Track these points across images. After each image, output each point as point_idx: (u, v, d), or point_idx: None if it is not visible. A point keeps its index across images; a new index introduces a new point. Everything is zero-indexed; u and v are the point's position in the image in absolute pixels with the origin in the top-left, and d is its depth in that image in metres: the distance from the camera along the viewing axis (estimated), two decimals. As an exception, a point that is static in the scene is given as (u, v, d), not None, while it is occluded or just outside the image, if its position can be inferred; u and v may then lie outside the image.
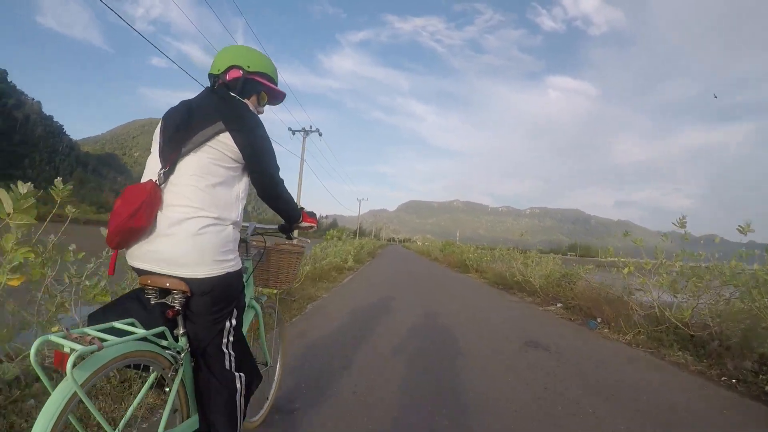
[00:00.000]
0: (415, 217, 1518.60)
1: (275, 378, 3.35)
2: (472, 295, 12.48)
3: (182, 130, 1.96)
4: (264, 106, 2.44)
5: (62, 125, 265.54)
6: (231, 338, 2.08)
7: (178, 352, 1.93)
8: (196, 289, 1.90)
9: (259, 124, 2.13)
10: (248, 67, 2.23)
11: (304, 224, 2.69)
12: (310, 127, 34.73)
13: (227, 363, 2.07)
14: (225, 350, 2.06)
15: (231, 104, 2.09)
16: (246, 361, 2.20)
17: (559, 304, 10.20)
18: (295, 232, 2.86)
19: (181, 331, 1.97)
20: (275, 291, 4.05)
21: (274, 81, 2.36)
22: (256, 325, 2.88)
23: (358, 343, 5.62)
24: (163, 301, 1.92)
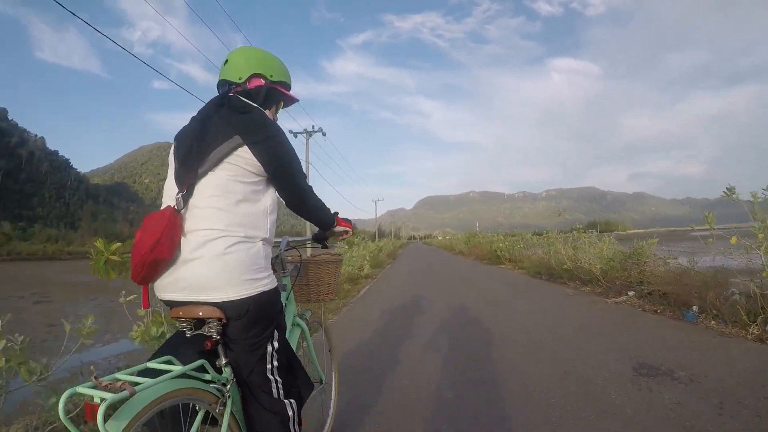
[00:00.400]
0: (432, 212, 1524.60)
1: (332, 396, 3.18)
2: (517, 292, 10.30)
3: (196, 149, 1.84)
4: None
5: (68, 159, 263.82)
6: (275, 363, 1.93)
7: (224, 384, 1.78)
8: (231, 313, 1.77)
9: (280, 133, 1.98)
10: (271, 76, 2.15)
11: (339, 229, 2.50)
12: (313, 127, 32.98)
13: (274, 391, 1.93)
14: (270, 377, 1.92)
15: (248, 115, 1.92)
16: (296, 386, 2.04)
17: (630, 293, 8.15)
18: (330, 240, 2.68)
19: (224, 361, 1.83)
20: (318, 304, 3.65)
21: (290, 87, 2.27)
22: (304, 342, 2.80)
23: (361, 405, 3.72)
24: (200, 332, 1.80)
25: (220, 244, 1.75)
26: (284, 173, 1.98)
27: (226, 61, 2.12)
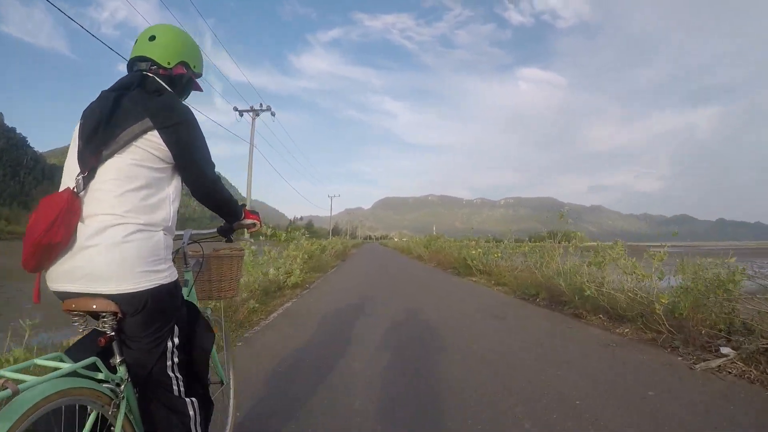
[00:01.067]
0: (392, 213, 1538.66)
1: (230, 398, 2.97)
2: (514, 332, 6.38)
3: (103, 129, 1.72)
4: None
5: (26, 137, 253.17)
6: (175, 359, 1.85)
7: (117, 384, 1.66)
8: (127, 307, 1.67)
9: (192, 119, 1.89)
10: (194, 67, 2.13)
11: (247, 221, 2.41)
12: (261, 105, 29.08)
13: (175, 388, 1.85)
14: (171, 374, 1.84)
15: (162, 99, 1.85)
16: (197, 383, 1.98)
17: (726, 350, 4.66)
18: (236, 234, 2.58)
19: (118, 359, 1.71)
20: (218, 302, 3.51)
21: (201, 75, 2.24)
22: None
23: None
24: (95, 327, 1.72)
25: (119, 231, 1.64)
26: (193, 161, 1.89)
27: (152, 36, 1.98)
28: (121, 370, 1.70)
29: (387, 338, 5.89)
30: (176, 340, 1.84)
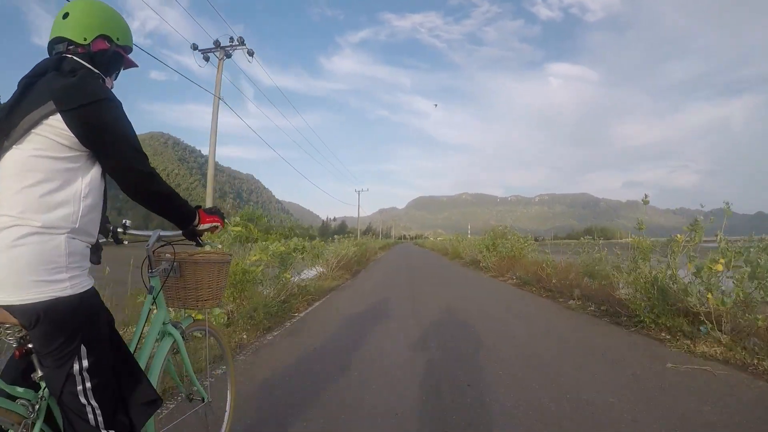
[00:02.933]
0: (426, 213, 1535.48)
1: (225, 419, 2.84)
2: None
3: (6, 118, 1.60)
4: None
5: None
6: (88, 384, 1.61)
7: (30, 402, 1.57)
8: (22, 319, 1.52)
9: (107, 98, 1.68)
10: (117, 39, 1.91)
11: (205, 226, 2.16)
12: (232, 40, 18.63)
13: (90, 417, 1.62)
14: (83, 401, 1.61)
15: (70, 78, 1.66)
16: (123, 414, 1.74)
17: None
18: (207, 236, 2.33)
19: (39, 374, 1.60)
20: (198, 313, 3.47)
21: (131, 51, 2.05)
22: (176, 355, 2.44)
23: None
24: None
25: (12, 234, 1.50)
26: (109, 148, 1.67)
27: (66, 14, 1.80)
28: (43, 386, 1.61)
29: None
30: (85, 363, 1.60)
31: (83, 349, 1.60)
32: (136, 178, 1.72)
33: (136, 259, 3.21)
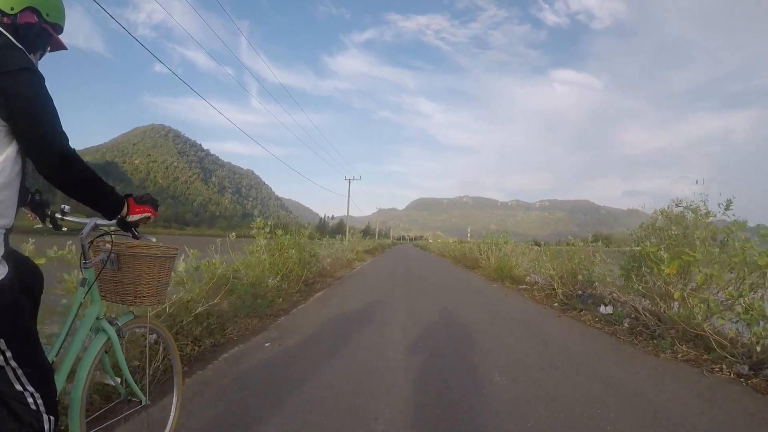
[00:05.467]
0: (426, 214, 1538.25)
1: (170, 421, 2.69)
2: None
3: None
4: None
5: None
6: (20, 371, 1.59)
7: None
8: None
9: (26, 68, 1.55)
10: (47, 15, 1.78)
11: (134, 217, 1.98)
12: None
13: (30, 402, 1.61)
14: (20, 388, 1.60)
15: (0, 50, 1.56)
16: (53, 396, 1.72)
17: None
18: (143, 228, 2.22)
19: None
20: (139, 308, 3.05)
21: (62, 31, 1.90)
22: (110, 353, 2.35)
23: None
24: None
25: None
26: (25, 122, 1.53)
27: None
28: None
29: None
30: (9, 354, 1.57)
31: (2, 342, 1.56)
32: (52, 159, 1.59)
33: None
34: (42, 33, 1.80)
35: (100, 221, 2.12)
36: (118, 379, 2.48)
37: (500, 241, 19.40)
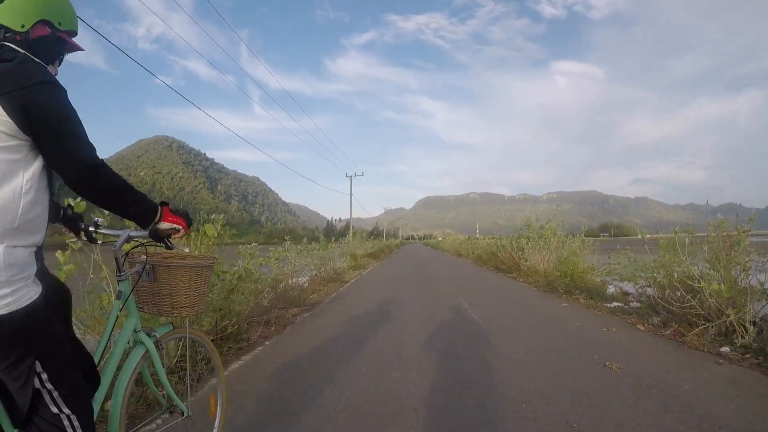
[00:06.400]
0: (433, 212, 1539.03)
1: (216, 424, 2.68)
2: None
3: None
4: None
5: None
6: (56, 393, 1.55)
7: None
8: None
9: (50, 83, 1.55)
10: (59, 24, 1.75)
11: (164, 225, 1.93)
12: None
13: (66, 425, 1.57)
14: (56, 410, 1.56)
15: (11, 64, 1.53)
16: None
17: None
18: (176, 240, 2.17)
19: None
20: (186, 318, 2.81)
21: (76, 34, 1.88)
22: (148, 365, 2.34)
23: None
24: None
25: None
26: (49, 136, 1.51)
27: None
28: None
29: None
30: (44, 376, 1.53)
31: (38, 364, 1.52)
32: (80, 170, 1.57)
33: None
34: (57, 43, 1.78)
35: (134, 233, 2.08)
36: (160, 391, 2.47)
37: (547, 233, 14.08)
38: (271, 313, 7.36)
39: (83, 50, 1.93)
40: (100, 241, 2.18)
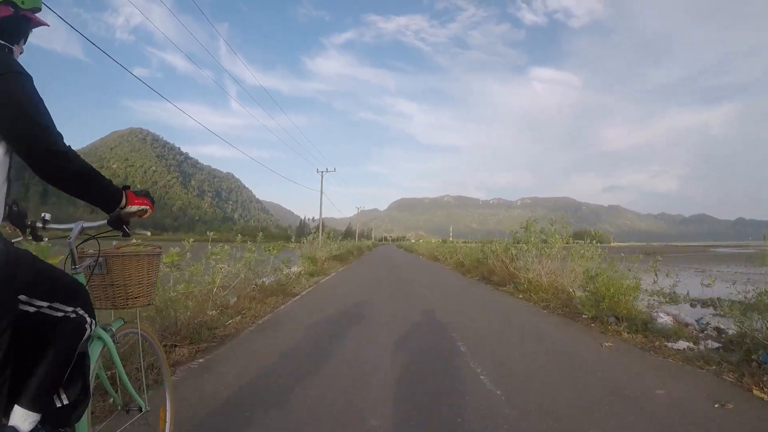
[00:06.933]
0: (407, 214, 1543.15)
1: (167, 428, 2.62)
2: None
3: None
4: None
5: None
6: (55, 304, 1.74)
7: None
8: None
9: (19, 71, 1.58)
10: (23, 2, 1.74)
11: (133, 208, 1.96)
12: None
13: (73, 317, 1.81)
14: (61, 315, 1.76)
15: None
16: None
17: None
18: (136, 229, 2.26)
19: None
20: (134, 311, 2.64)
21: (40, 10, 1.86)
22: (108, 360, 2.30)
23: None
24: None
25: None
26: (16, 125, 1.51)
27: None
28: None
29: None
30: (36, 302, 1.65)
31: (23, 297, 1.60)
32: (48, 157, 1.58)
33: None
34: (21, 21, 1.76)
35: (87, 223, 2.10)
36: (115, 388, 2.46)
37: (553, 239, 11.58)
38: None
39: (48, 25, 1.93)
40: (46, 239, 2.03)
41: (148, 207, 1.99)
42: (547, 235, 11.81)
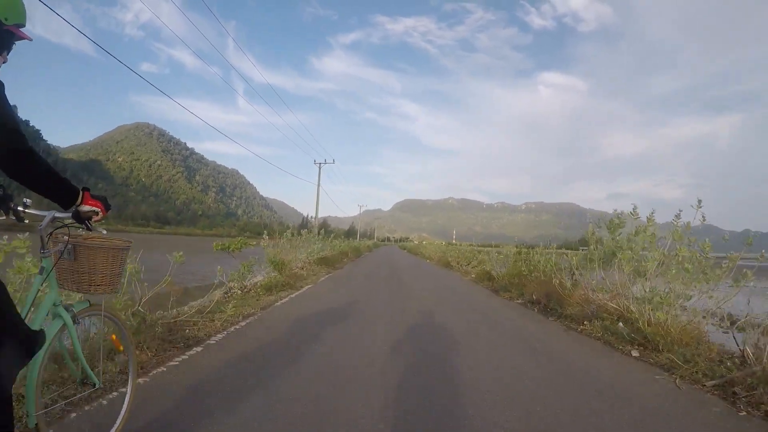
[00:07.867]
0: (410, 216, 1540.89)
1: (124, 405, 2.75)
2: None
3: None
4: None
5: (39, 130, 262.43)
6: None
7: None
8: None
9: None
10: (6, 19, 1.83)
11: (85, 208, 2.17)
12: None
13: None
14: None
15: None
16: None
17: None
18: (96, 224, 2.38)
19: None
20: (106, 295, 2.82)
21: (24, 25, 1.95)
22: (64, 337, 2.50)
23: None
24: None
25: None
26: None
27: None
28: None
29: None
30: None
31: None
32: (13, 156, 1.78)
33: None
34: (4, 35, 1.86)
35: (58, 214, 2.25)
36: (75, 365, 2.62)
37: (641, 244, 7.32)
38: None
39: (31, 39, 2.00)
40: (26, 221, 2.11)
41: (99, 210, 2.21)
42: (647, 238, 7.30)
